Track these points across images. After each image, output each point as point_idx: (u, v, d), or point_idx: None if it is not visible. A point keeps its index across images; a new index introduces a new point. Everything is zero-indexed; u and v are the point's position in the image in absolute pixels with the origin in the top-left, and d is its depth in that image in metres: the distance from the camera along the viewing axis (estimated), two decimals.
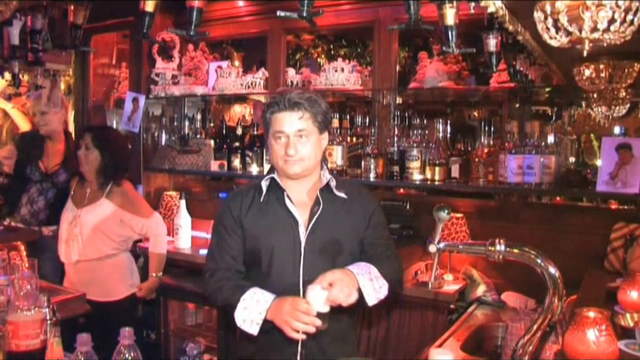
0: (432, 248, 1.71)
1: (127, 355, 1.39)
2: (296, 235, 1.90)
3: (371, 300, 1.84)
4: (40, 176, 3.43)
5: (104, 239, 2.98)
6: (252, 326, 1.81)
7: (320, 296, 1.72)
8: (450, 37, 1.94)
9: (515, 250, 1.57)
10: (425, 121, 3.15)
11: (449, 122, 3.20)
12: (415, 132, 3.10)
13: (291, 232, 1.91)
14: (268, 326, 1.80)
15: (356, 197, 2.01)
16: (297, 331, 1.73)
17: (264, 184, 1.97)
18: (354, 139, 3.45)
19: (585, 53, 1.30)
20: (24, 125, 4.42)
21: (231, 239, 1.97)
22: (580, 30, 1.22)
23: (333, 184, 1.98)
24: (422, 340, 2.74)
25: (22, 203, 3.42)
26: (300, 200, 1.95)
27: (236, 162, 3.66)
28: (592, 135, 2.95)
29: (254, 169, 3.58)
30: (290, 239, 1.91)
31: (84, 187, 3.08)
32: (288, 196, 1.93)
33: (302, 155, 1.89)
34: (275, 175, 1.97)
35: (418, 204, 3.27)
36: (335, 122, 3.30)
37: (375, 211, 2.04)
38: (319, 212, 1.92)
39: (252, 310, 1.81)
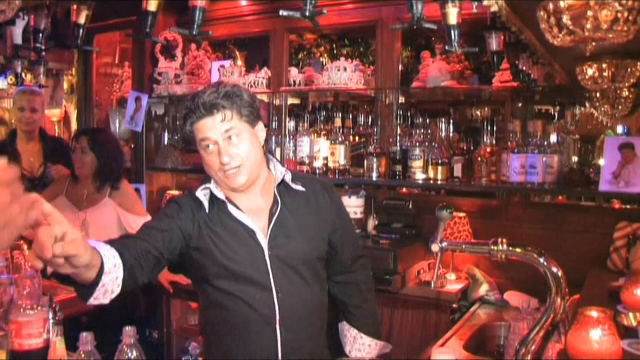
0: (435, 247, 1.70)
1: (129, 355, 1.39)
2: (257, 247, 1.68)
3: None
4: (28, 182, 3.38)
5: (109, 238, 2.96)
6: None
7: None
8: (453, 37, 1.93)
9: (518, 250, 1.57)
10: (427, 121, 3.15)
11: (451, 121, 3.21)
12: (418, 131, 3.10)
13: (250, 244, 1.68)
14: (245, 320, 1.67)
15: (317, 192, 1.80)
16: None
17: (202, 196, 1.71)
18: (357, 138, 3.46)
19: (588, 52, 1.30)
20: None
21: (160, 232, 1.65)
22: (583, 30, 1.22)
23: (289, 177, 1.75)
24: (424, 339, 2.74)
25: None
26: (253, 206, 1.72)
27: None
28: None
29: None
30: (251, 253, 1.67)
31: (78, 188, 3.03)
32: (234, 205, 1.70)
33: (241, 159, 1.64)
34: (212, 186, 1.71)
35: (421, 204, 3.27)
36: (338, 122, 3.31)
37: (341, 210, 1.89)
38: (277, 213, 1.71)
39: None
